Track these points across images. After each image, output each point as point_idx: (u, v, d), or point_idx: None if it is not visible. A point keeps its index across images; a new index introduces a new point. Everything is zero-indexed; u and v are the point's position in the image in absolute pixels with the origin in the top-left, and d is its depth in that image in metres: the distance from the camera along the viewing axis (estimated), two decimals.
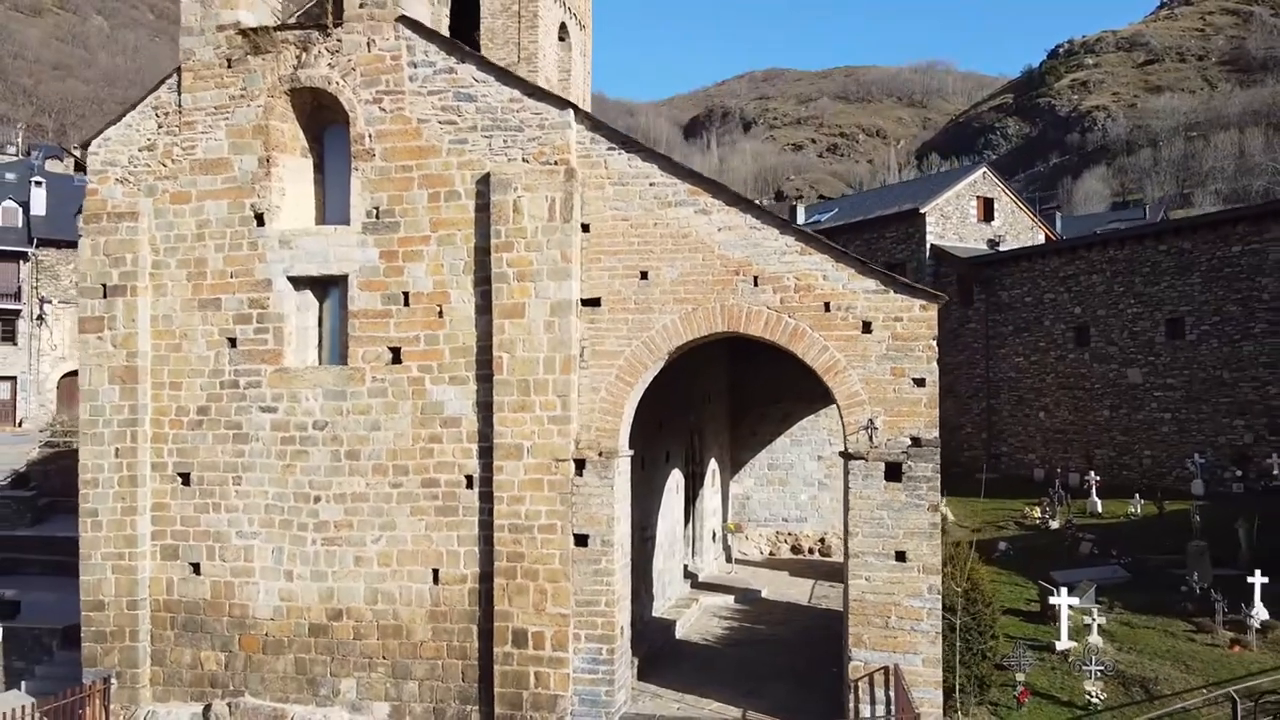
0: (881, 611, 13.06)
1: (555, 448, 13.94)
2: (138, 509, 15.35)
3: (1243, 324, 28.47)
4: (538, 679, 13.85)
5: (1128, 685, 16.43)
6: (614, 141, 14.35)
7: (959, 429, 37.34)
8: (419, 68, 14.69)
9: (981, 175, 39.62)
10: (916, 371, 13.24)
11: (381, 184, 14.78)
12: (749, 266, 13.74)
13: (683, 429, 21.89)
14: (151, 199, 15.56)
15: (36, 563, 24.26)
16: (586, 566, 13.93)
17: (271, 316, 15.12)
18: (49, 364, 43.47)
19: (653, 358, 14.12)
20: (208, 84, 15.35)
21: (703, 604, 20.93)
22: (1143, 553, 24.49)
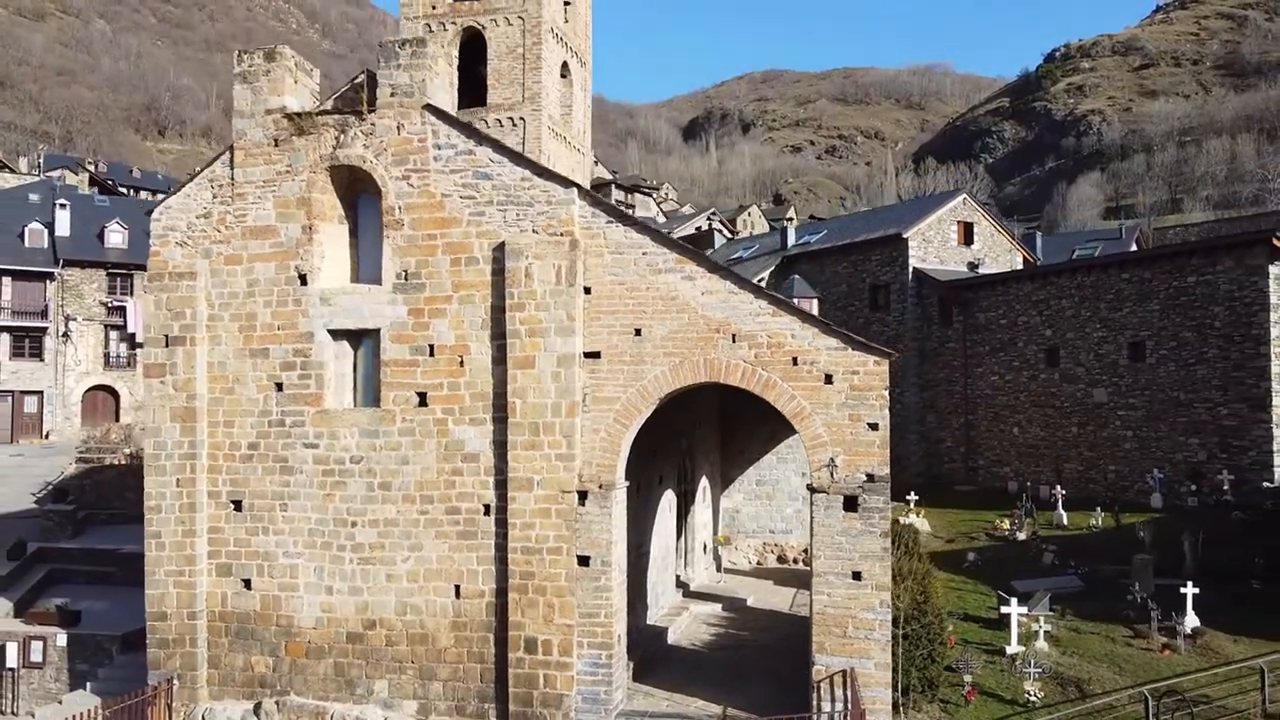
0: (840, 623, 15.40)
1: (561, 481, 16.27)
2: (196, 532, 17.67)
3: (1197, 349, 30.79)
4: (546, 680, 16.18)
5: (1065, 685, 18.75)
6: (612, 216, 16.67)
7: (940, 442, 39.69)
8: (442, 149, 17.01)
9: (962, 201, 41.92)
10: (871, 417, 15.56)
11: (409, 250, 17.10)
12: (728, 326, 16.07)
13: (676, 453, 24.20)
14: (208, 260, 17.88)
15: (82, 573, 26.50)
16: (588, 583, 16.26)
17: (313, 364, 17.44)
18: (74, 379, 45.77)
19: (645, 403, 16.45)
20: (257, 161, 17.67)
21: (693, 612, 23.28)
22: (1098, 563, 26.80)
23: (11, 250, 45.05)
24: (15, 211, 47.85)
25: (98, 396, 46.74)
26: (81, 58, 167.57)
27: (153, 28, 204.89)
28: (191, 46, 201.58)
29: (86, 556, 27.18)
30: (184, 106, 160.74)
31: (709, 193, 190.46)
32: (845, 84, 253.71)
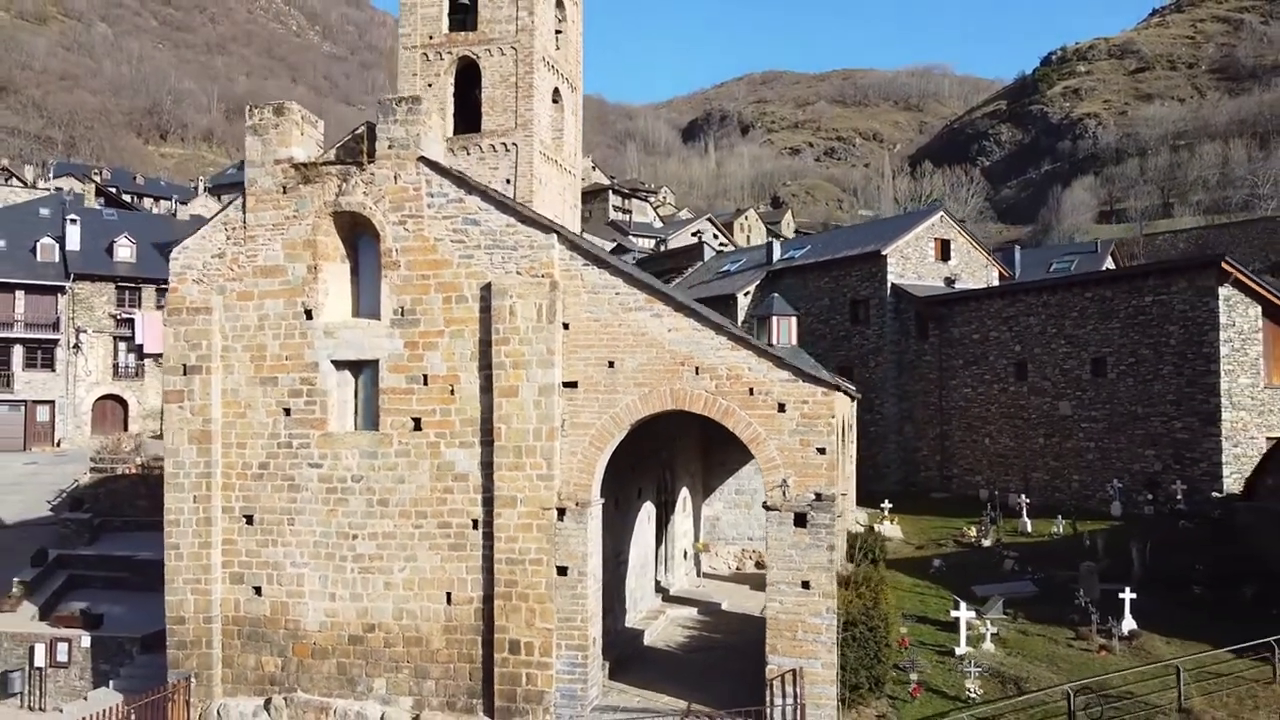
0: (791, 627, 17.25)
1: (542, 499, 18.12)
2: (211, 544, 19.52)
3: (1154, 365, 32.63)
4: (528, 678, 18.03)
5: (1005, 683, 20.58)
6: (588, 259, 18.51)
7: (916, 451, 41.52)
8: (435, 197, 18.85)
9: (939, 218, 43.72)
10: (819, 442, 17.41)
11: (405, 288, 18.95)
12: (692, 359, 17.91)
13: (656, 466, 26.04)
14: (222, 296, 19.74)
15: (99, 579, 28.39)
16: (566, 591, 18.11)
17: (318, 392, 19.30)
18: (84, 389, 47.64)
19: (618, 429, 18.30)
20: (267, 206, 19.52)
21: (669, 615, 25.14)
22: (1054, 569, 28.61)
23: (24, 265, 46.92)
24: (27, 226, 49.71)
25: (107, 406, 48.63)
26: (84, 62, 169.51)
27: (154, 30, 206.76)
28: (192, 49, 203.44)
29: (103, 563, 29.07)
30: (185, 110, 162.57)
31: (707, 195, 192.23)
32: (844, 85, 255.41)
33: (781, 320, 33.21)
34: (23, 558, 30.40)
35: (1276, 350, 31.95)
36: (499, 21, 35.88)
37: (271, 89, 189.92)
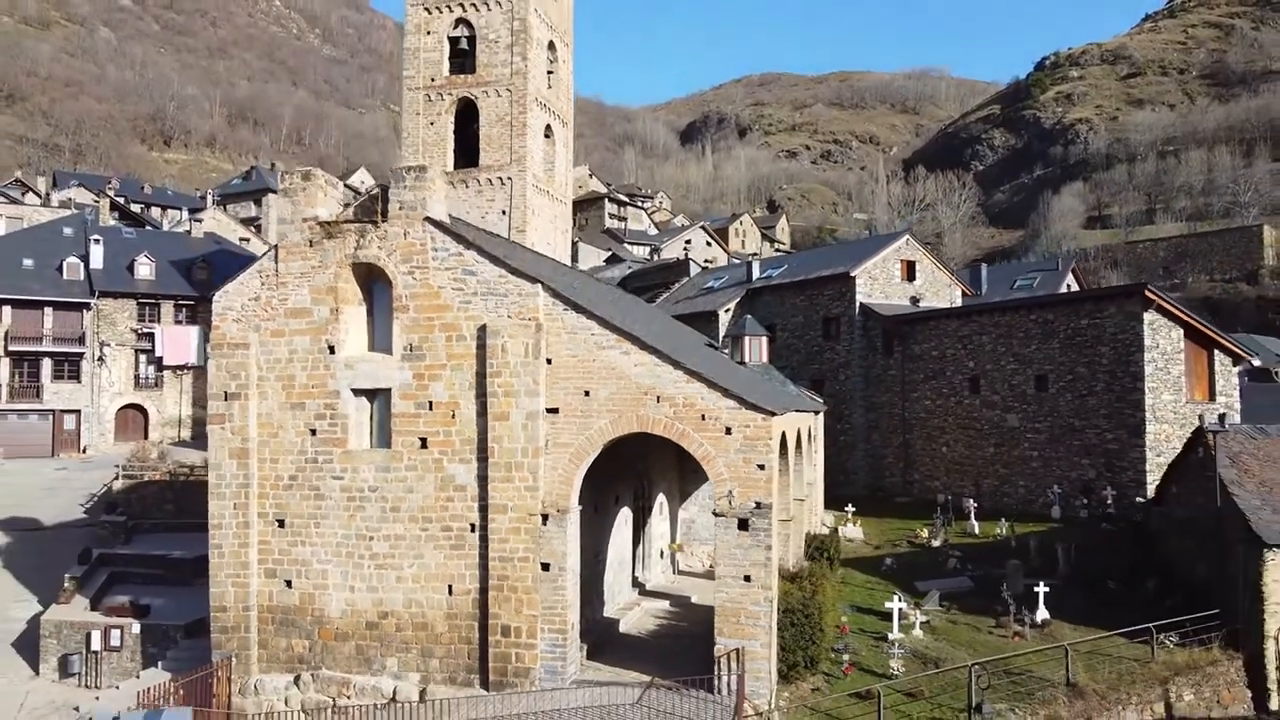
0: (735, 614, 20.92)
1: (529, 507, 21.79)
2: (249, 544, 23.20)
3: (1089, 382, 36.28)
4: (517, 657, 21.71)
5: (925, 663, 24.25)
6: (568, 305, 22.16)
7: (882, 458, 45.17)
8: (438, 251, 22.52)
9: (905, 241, 47.35)
10: (760, 459, 21.06)
11: (414, 328, 22.62)
12: (654, 389, 21.58)
13: (632, 475, 29.70)
14: (257, 334, 23.41)
15: (137, 575, 32.07)
16: (549, 584, 21.78)
17: (339, 415, 22.97)
18: (108, 399, 51.31)
19: (593, 448, 21.97)
20: (296, 258, 23.20)
21: (644, 607, 28.83)
22: (991, 567, 32.26)
23: (52, 282, 50.57)
24: (52, 245, 53.36)
25: (129, 414, 52.32)
26: (88, 67, 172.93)
27: (155, 34, 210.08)
28: (194, 54, 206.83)
29: (141, 561, 32.76)
30: (189, 116, 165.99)
31: (704, 199, 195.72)
32: (841, 88, 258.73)
33: (753, 340, 36.91)
34: (64, 557, 34.11)
35: (1197, 369, 35.60)
36: (495, 66, 39.53)
37: (272, 93, 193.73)
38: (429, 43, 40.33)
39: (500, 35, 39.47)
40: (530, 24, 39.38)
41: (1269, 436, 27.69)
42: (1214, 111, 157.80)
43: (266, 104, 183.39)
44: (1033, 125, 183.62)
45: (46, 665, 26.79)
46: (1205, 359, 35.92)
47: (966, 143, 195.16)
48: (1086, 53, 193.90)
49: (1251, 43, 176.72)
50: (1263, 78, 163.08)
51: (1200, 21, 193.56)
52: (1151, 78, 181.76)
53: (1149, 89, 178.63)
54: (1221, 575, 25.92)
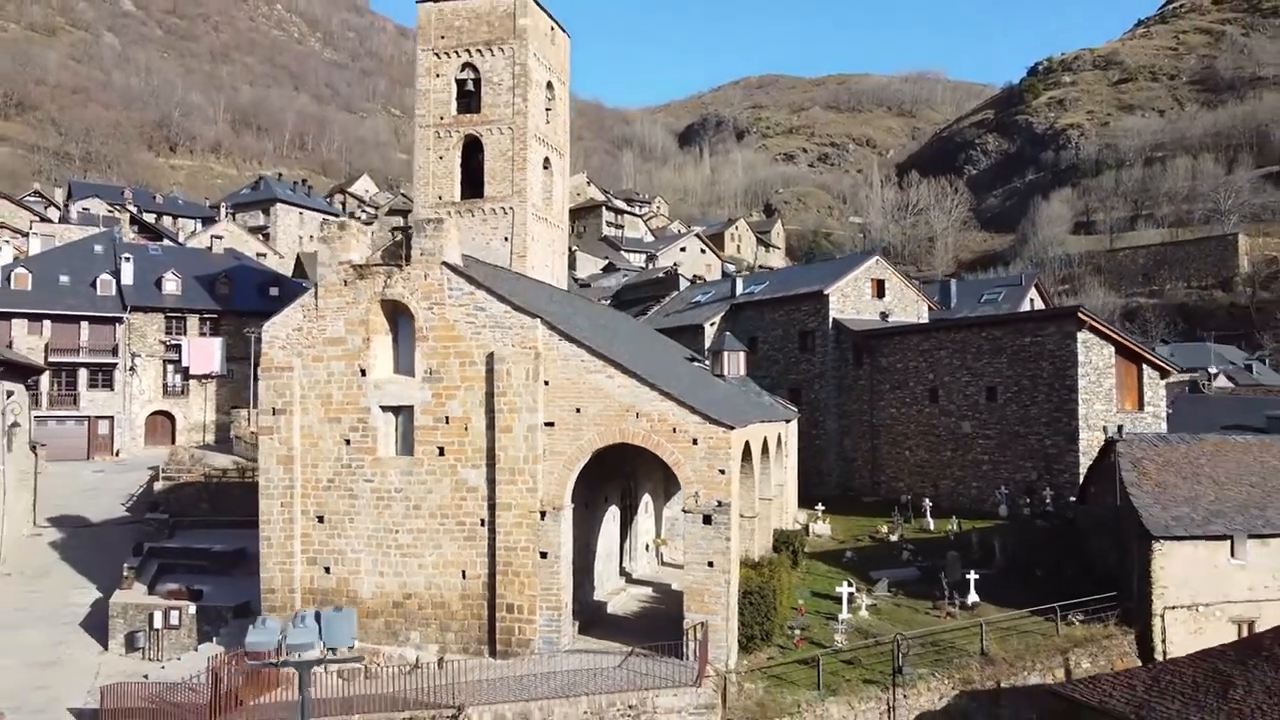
0: (700, 593, 25.53)
1: (529, 505, 26.40)
2: (293, 536, 27.81)
3: (1031, 394, 40.88)
4: (519, 630, 26.33)
5: (865, 637, 28.83)
6: (562, 336, 26.77)
7: (853, 461, 49.79)
8: (453, 291, 27.13)
9: (875, 261, 51.97)
10: (721, 465, 25.67)
11: (433, 355, 27.24)
12: (634, 407, 26.18)
13: (620, 478, 34.29)
14: (300, 359, 28.02)
15: (183, 565, 36.61)
16: (546, 570, 26.40)
17: (370, 428, 27.59)
18: (139, 406, 55.92)
19: (583, 455, 26.60)
20: (333, 295, 27.81)
21: (629, 592, 33.47)
22: (938, 558, 36.81)
23: (87, 298, 55.17)
24: (85, 262, 57.96)
25: (158, 420, 56.93)
26: (94, 74, 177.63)
27: (159, 39, 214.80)
28: (197, 59, 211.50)
29: (185, 554, 37.36)
30: (194, 122, 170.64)
31: (702, 203, 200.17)
32: (839, 91, 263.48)
33: (732, 355, 41.59)
34: (113, 550, 38.73)
35: (1127, 381, 40.20)
36: (498, 106, 44.02)
37: (275, 98, 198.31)
38: (438, 85, 44.79)
39: (503, 78, 43.94)
40: (530, 68, 43.87)
41: (1169, 444, 32.35)
42: (1201, 118, 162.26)
43: (269, 109, 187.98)
44: (1025, 130, 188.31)
45: (115, 641, 31.32)
46: (1135, 373, 40.52)
47: (960, 147, 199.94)
48: (1079, 58, 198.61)
49: (1241, 49, 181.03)
50: (1251, 84, 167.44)
51: (1191, 27, 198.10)
52: (1142, 83, 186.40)
53: (1140, 94, 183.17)
54: (1122, 563, 30.58)
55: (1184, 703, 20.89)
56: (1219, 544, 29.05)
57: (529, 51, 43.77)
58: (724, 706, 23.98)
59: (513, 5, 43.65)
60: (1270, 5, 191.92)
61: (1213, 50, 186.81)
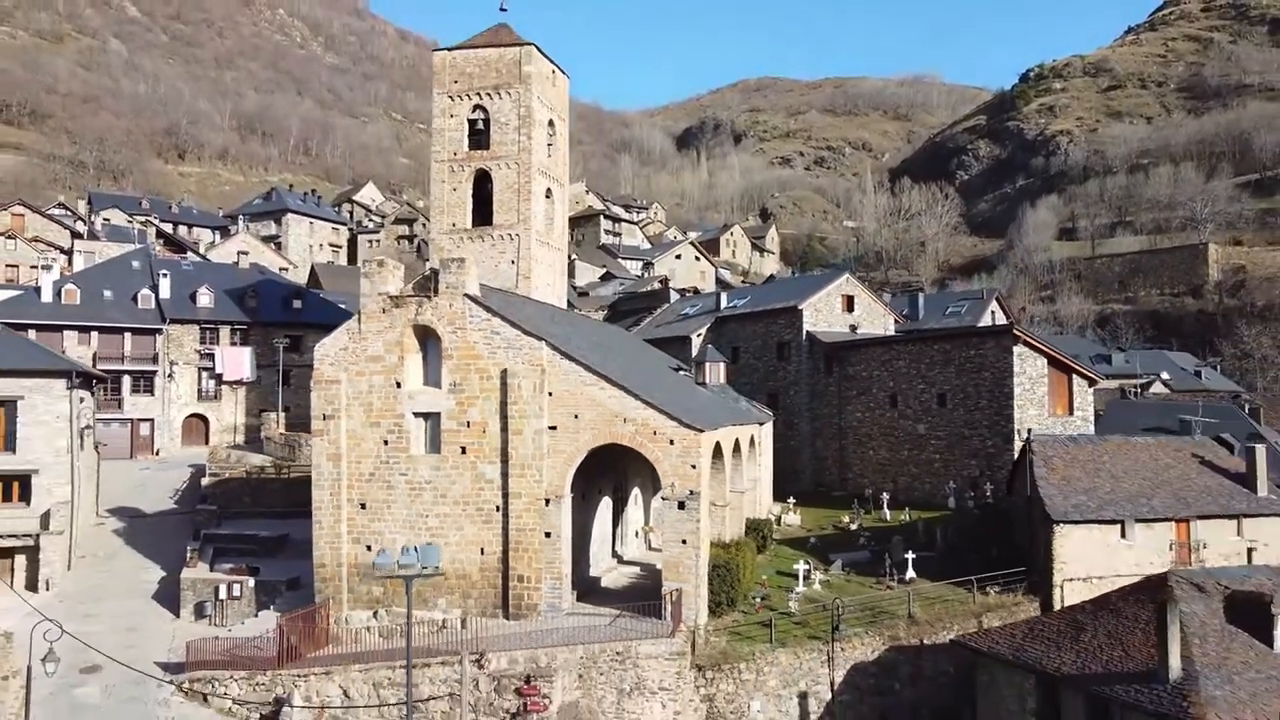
0: (675, 565, 31.86)
1: (536, 494, 32.71)
2: (340, 520, 34.11)
3: (975, 400, 47.19)
4: (528, 596, 32.65)
5: (815, 604, 35.11)
6: (563, 355, 33.08)
7: (824, 460, 56.10)
8: (473, 318, 33.44)
9: (845, 279, 58.31)
10: (692, 461, 31.98)
11: (456, 371, 33.55)
12: (622, 413, 32.49)
13: (612, 473, 40.56)
14: (345, 374, 34.33)
15: (235, 549, 42.84)
16: (550, 547, 32.71)
17: (404, 431, 33.89)
18: (176, 409, 62.22)
19: (580, 454, 32.93)
20: (373, 321, 34.13)
21: (620, 570, 39.81)
22: (887, 543, 43.09)
23: (129, 311, 61.43)
24: (124, 278, 64.24)
25: (193, 422, 63.22)
26: (103, 81, 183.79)
27: (164, 46, 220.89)
28: (202, 65, 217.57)
29: (235, 539, 43.64)
30: (201, 130, 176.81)
31: (699, 207, 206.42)
32: (836, 94, 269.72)
33: (713, 365, 47.94)
34: (169, 537, 45.03)
35: (1057, 390, 46.51)
36: (505, 144, 50.22)
37: (279, 104, 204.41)
38: (452, 124, 51.03)
39: (510, 119, 50.16)
40: (534, 109, 50.10)
41: (1078, 444, 38.67)
42: (1187, 126, 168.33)
43: (274, 116, 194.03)
44: (1016, 136, 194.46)
45: (185, 610, 37.52)
46: (1066, 381, 46.85)
47: (953, 153, 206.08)
48: (1070, 65, 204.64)
49: (1228, 56, 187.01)
50: (1236, 91, 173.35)
51: (1180, 35, 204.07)
52: (1131, 90, 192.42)
53: (1128, 101, 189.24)
54: (1032, 543, 36.89)
55: (1048, 645, 27.23)
56: (1111, 527, 35.33)
57: (533, 95, 49.96)
58: (693, 654, 30.34)
59: (518, 54, 49.78)
60: (1258, 13, 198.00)
61: (1201, 57, 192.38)
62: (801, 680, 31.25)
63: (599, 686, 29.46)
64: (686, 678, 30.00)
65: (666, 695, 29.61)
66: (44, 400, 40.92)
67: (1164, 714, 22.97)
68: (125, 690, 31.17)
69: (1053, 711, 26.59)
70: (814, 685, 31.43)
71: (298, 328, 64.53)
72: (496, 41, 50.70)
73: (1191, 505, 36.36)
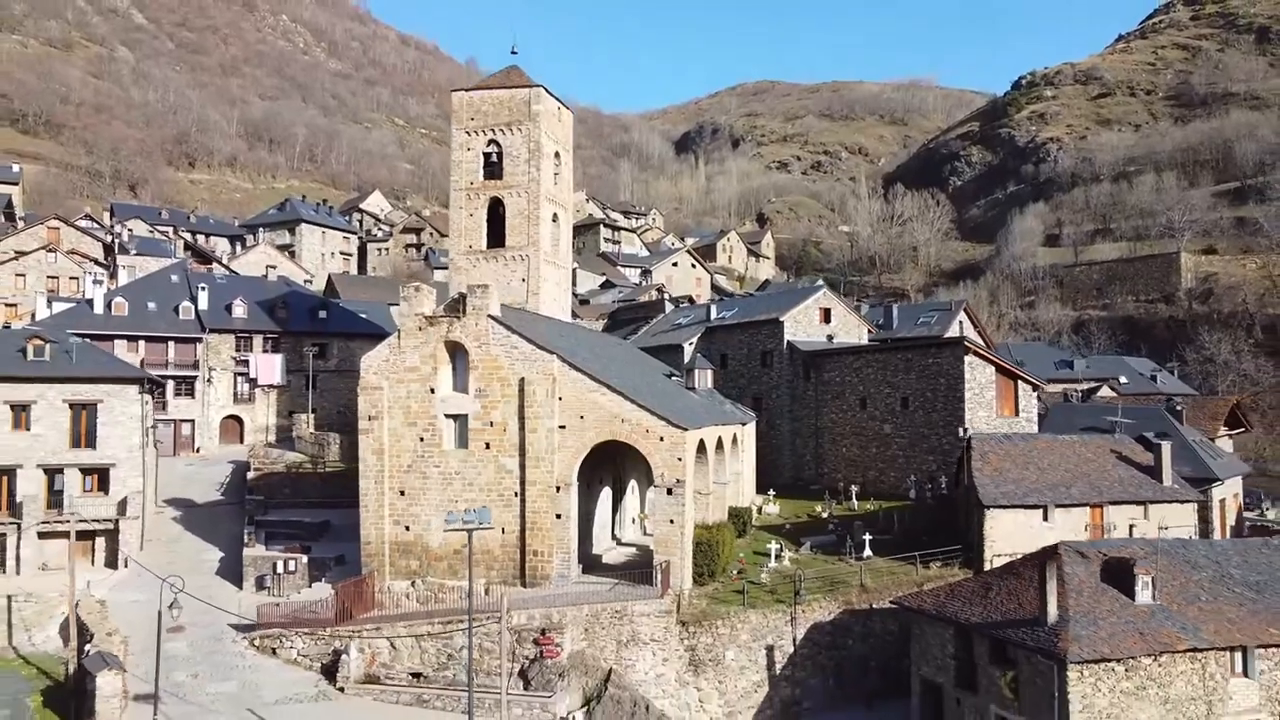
0: (664, 541, 39.03)
1: (548, 482, 39.87)
2: (384, 505, 41.27)
3: (933, 403, 54.31)
4: (541, 568, 39.81)
5: (784, 576, 42.21)
6: (571, 366, 40.22)
7: (802, 457, 63.21)
8: (496, 335, 40.59)
9: (823, 293, 65.46)
10: (679, 455, 39.13)
11: (481, 379, 40.69)
12: (620, 415, 39.63)
13: (612, 465, 47.71)
14: (387, 381, 41.47)
15: (282, 533, 49.99)
16: (560, 526, 39.88)
17: (437, 429, 41.04)
18: (214, 411, 69.30)
19: (584, 449, 40.11)
20: (410, 336, 41.29)
21: (618, 550, 47.00)
22: (853, 529, 50.25)
23: (171, 322, 68.52)
24: (165, 291, 71.32)
25: (229, 422, 70.31)
26: (113, 89, 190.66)
27: (170, 53, 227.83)
28: (208, 72, 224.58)
29: (282, 525, 50.80)
30: (211, 138, 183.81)
31: (696, 213, 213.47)
32: (833, 99, 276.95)
33: (702, 372, 55.03)
34: (222, 523, 52.21)
35: (1005, 394, 53.61)
36: (516, 174, 57.13)
37: (285, 111, 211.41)
38: (468, 157, 58.05)
39: (520, 152, 57.15)
40: (542, 143, 57.12)
41: (1012, 441, 45.80)
42: (1172, 134, 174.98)
43: (281, 123, 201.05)
44: (1008, 143, 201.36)
45: (247, 583, 44.54)
46: (1012, 387, 53.98)
47: (946, 159, 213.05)
48: (1061, 73, 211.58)
49: (1216, 64, 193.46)
50: (1222, 100, 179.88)
51: (1170, 43, 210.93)
52: (1120, 98, 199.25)
53: (1117, 109, 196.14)
54: (969, 526, 44.01)
55: (964, 602, 34.32)
56: (1034, 511, 42.42)
57: (541, 130, 56.97)
58: (678, 612, 37.51)
59: (528, 95, 56.71)
60: (1246, 21, 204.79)
61: (1189, 66, 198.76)
62: (769, 635, 38.40)
63: (601, 638, 36.61)
64: (673, 631, 37.16)
65: (656, 645, 36.77)
66: (120, 403, 48.01)
67: (1040, 649, 30.08)
68: (207, 645, 38.34)
69: (966, 654, 33.67)
70: (779, 640, 38.57)
71: (323, 336, 71.71)
72: (509, 83, 57.66)
73: (1104, 493, 43.50)
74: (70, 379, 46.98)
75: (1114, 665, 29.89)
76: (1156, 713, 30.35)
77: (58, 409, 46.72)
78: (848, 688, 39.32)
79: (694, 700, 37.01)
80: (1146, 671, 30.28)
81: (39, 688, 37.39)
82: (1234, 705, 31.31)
